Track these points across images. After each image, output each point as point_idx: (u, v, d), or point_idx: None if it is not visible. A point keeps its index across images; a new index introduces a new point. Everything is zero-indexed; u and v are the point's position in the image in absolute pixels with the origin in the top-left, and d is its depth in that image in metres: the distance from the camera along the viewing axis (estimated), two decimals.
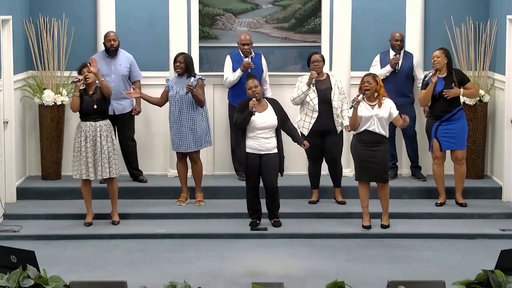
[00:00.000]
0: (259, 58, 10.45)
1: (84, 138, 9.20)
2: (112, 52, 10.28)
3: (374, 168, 9.03)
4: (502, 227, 9.27)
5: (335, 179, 10.02)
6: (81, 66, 9.29)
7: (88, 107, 9.19)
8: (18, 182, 10.26)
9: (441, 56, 9.70)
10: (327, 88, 9.79)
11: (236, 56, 10.40)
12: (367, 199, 9.19)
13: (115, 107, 10.18)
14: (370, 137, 9.02)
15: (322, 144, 9.83)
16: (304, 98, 9.76)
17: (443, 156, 9.85)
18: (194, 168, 9.92)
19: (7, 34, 9.78)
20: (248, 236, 9.10)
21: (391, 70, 10.44)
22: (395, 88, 10.31)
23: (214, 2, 11.48)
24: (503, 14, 10.16)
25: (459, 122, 9.75)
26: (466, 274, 6.69)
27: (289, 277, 7.75)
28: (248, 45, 10.30)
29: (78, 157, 9.22)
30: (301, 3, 11.48)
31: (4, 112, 9.72)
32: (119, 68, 10.30)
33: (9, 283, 5.53)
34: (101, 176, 9.27)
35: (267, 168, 9.12)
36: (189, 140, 9.74)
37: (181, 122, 9.73)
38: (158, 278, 7.54)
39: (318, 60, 9.79)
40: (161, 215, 9.63)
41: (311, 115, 9.76)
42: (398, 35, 10.53)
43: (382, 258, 8.46)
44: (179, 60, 9.77)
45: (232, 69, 10.35)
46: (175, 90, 9.72)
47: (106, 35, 10.29)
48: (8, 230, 9.13)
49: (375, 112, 8.97)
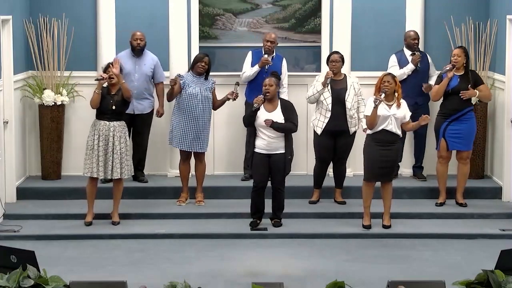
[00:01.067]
0: (279, 60, 10.41)
1: (97, 136, 9.20)
2: (137, 52, 10.29)
3: (384, 167, 9.04)
4: (502, 227, 9.27)
5: (339, 180, 10.02)
6: (107, 65, 9.32)
7: (106, 107, 9.20)
8: (18, 182, 10.26)
9: (461, 55, 9.73)
10: (342, 88, 9.77)
11: (258, 53, 10.40)
12: (370, 199, 9.19)
13: (135, 106, 10.17)
14: (386, 136, 9.02)
15: (333, 145, 9.82)
16: (319, 97, 9.76)
17: (448, 156, 9.85)
18: (198, 167, 9.92)
19: (7, 34, 9.78)
20: (248, 236, 9.10)
21: (413, 68, 10.39)
22: (416, 87, 10.29)
23: (214, 2, 11.48)
24: (503, 14, 10.16)
25: (468, 122, 9.76)
26: (466, 274, 6.69)
27: (289, 277, 7.75)
28: (271, 42, 10.27)
29: (90, 155, 9.23)
30: (301, 3, 11.47)
31: (4, 112, 9.72)
32: (143, 68, 10.31)
33: (9, 283, 5.53)
34: (112, 176, 9.25)
35: (274, 169, 9.12)
36: (203, 140, 9.78)
37: (199, 122, 9.72)
38: (158, 278, 7.54)
39: (336, 60, 9.78)
40: (161, 215, 9.63)
41: (325, 114, 9.75)
42: (413, 33, 10.45)
43: (382, 258, 8.46)
44: (205, 61, 9.78)
45: (251, 64, 10.36)
46: (194, 89, 9.71)
47: (133, 34, 10.31)
48: (8, 230, 9.13)
49: (393, 112, 8.99)
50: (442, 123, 9.80)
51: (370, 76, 10.30)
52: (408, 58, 10.43)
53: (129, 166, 9.35)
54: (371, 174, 9.13)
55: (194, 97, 9.74)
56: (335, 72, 9.77)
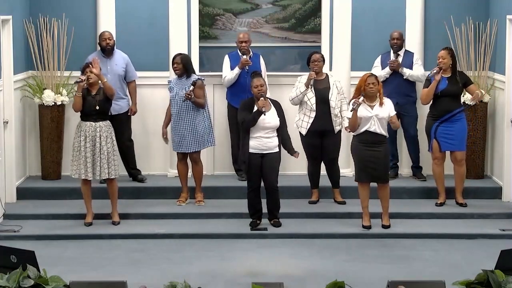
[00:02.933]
0: (257, 58, 10.43)
1: (84, 138, 9.20)
2: (107, 52, 10.27)
3: (374, 168, 9.03)
4: (502, 227, 9.27)
5: (333, 180, 10.00)
6: (84, 66, 9.30)
7: (90, 108, 9.19)
8: (18, 182, 10.26)
9: (447, 57, 9.70)
10: (325, 88, 9.77)
11: (234, 55, 10.40)
12: (367, 200, 9.19)
13: (112, 107, 10.15)
14: (371, 137, 9.01)
15: (320, 144, 9.83)
16: (302, 98, 9.75)
17: (442, 156, 9.85)
18: (194, 168, 9.92)
19: (7, 34, 9.78)
20: (248, 236, 9.10)
21: (390, 72, 10.42)
22: (397, 88, 10.31)
23: (214, 2, 11.48)
24: (503, 14, 10.16)
25: (458, 123, 9.74)
26: (466, 274, 6.69)
27: (289, 277, 7.75)
28: (245, 42, 10.28)
29: (77, 156, 9.23)
30: (301, 3, 11.48)
31: (4, 112, 9.72)
32: (115, 68, 10.30)
33: (9, 283, 5.53)
34: (100, 177, 9.27)
35: (267, 169, 9.11)
36: (189, 140, 9.74)
37: (181, 123, 9.73)
38: (158, 278, 7.54)
39: (318, 60, 9.78)
40: (161, 215, 9.63)
41: (309, 114, 9.75)
42: (395, 34, 10.50)
43: (382, 258, 8.46)
44: (176, 61, 9.76)
45: (230, 68, 10.35)
46: (175, 91, 9.73)
47: (101, 35, 10.29)
48: (8, 230, 9.13)
49: (375, 112, 8.97)
50: (433, 125, 9.78)
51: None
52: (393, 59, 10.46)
53: (116, 166, 9.32)
54: (362, 175, 9.12)
55: (173, 99, 9.76)
56: (317, 71, 9.76)
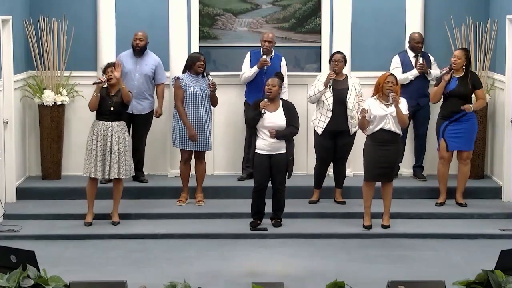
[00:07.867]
0: (278, 60, 10.41)
1: (96, 137, 9.21)
2: (137, 52, 10.29)
3: (384, 167, 9.04)
4: (502, 227, 9.27)
5: (338, 180, 10.01)
6: (107, 66, 9.31)
7: (105, 108, 9.20)
8: (18, 182, 10.26)
9: (462, 58, 9.70)
10: (343, 88, 9.76)
11: (256, 54, 10.41)
12: (370, 199, 9.19)
13: (134, 106, 10.16)
14: (386, 136, 9.02)
15: (334, 145, 9.82)
16: (320, 97, 9.75)
17: (449, 156, 9.84)
18: (199, 167, 9.91)
19: (7, 34, 9.78)
20: (248, 236, 9.10)
21: (417, 75, 10.35)
22: (418, 89, 10.31)
23: (214, 2, 11.47)
24: (503, 14, 10.16)
25: (468, 122, 9.74)
26: (466, 274, 6.69)
27: (289, 277, 7.75)
28: (269, 42, 10.28)
29: (89, 155, 9.23)
30: (301, 3, 11.47)
31: (4, 112, 9.72)
32: (144, 68, 10.31)
33: (9, 283, 5.53)
34: (109, 176, 9.26)
35: (275, 169, 9.11)
36: (209, 138, 9.81)
37: (204, 120, 9.75)
38: (158, 278, 7.53)
39: (339, 60, 9.76)
40: (161, 215, 9.63)
41: (326, 114, 9.74)
42: (417, 36, 10.43)
43: (382, 258, 8.46)
44: (203, 60, 9.79)
45: (250, 65, 10.36)
46: (196, 90, 9.71)
47: (135, 34, 10.32)
48: (8, 230, 9.13)
49: (390, 110, 8.97)
50: (442, 124, 9.80)
51: (370, 76, 10.28)
52: (412, 60, 10.42)
53: (128, 166, 9.33)
54: (371, 174, 9.13)
55: (196, 96, 9.74)
56: (337, 72, 9.76)
